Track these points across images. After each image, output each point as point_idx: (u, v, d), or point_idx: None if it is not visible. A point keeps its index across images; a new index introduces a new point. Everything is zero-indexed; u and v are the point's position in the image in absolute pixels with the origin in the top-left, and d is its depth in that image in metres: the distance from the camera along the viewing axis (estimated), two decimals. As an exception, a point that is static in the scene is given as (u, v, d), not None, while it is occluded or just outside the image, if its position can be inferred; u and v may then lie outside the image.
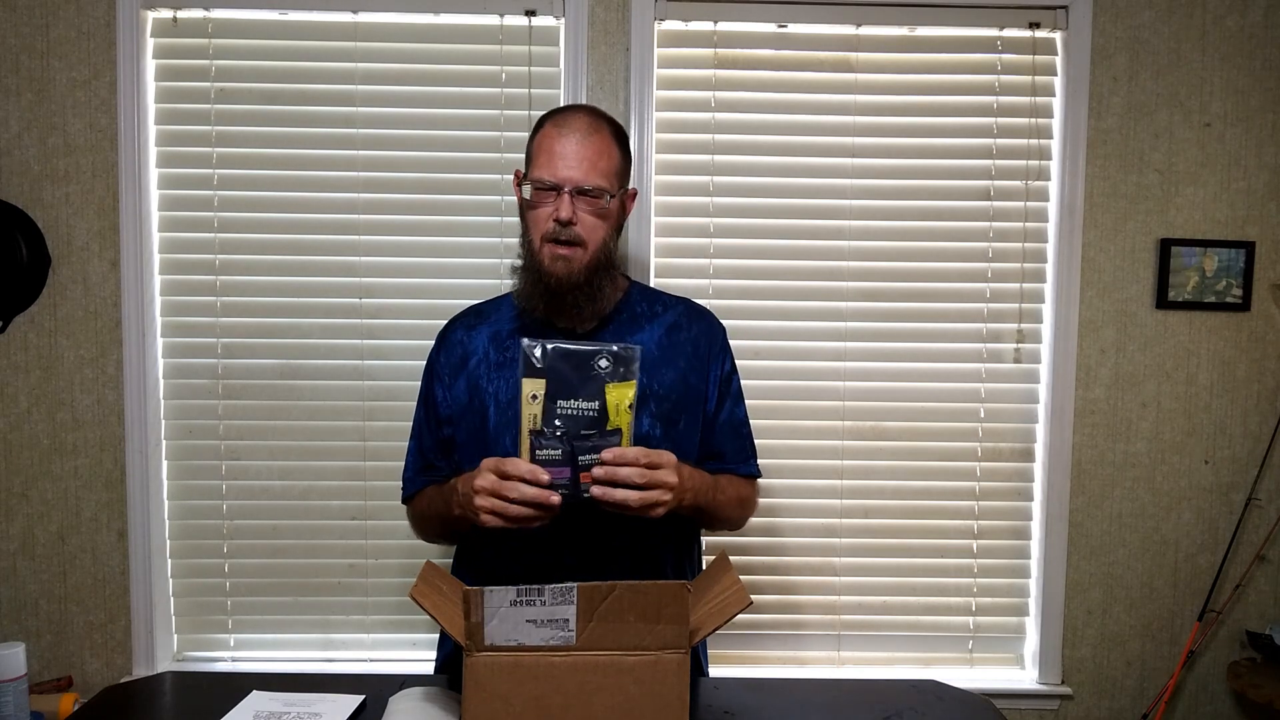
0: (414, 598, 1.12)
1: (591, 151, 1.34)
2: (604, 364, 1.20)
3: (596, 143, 1.35)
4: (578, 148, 1.34)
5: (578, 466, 1.18)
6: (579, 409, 1.19)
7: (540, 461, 1.18)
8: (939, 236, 2.18)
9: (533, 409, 1.19)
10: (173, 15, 2.11)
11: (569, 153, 1.33)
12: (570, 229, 1.33)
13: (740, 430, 1.52)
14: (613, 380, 1.20)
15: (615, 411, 1.20)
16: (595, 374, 1.20)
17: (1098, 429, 2.22)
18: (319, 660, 2.23)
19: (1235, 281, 2.18)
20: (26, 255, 2.08)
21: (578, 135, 1.35)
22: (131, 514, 2.14)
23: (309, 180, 2.14)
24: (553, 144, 1.35)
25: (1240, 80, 2.17)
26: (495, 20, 2.12)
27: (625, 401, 1.20)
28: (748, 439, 1.54)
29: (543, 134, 1.38)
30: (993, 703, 1.33)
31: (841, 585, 2.24)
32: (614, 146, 1.39)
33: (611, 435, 1.20)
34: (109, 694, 1.34)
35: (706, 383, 1.47)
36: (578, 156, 1.33)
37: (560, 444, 1.18)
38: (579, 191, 1.33)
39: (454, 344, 1.48)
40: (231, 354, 2.17)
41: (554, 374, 1.19)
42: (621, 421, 1.20)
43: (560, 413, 1.19)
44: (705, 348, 1.48)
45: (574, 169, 1.33)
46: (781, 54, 2.16)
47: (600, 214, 1.36)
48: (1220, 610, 2.20)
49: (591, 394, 1.20)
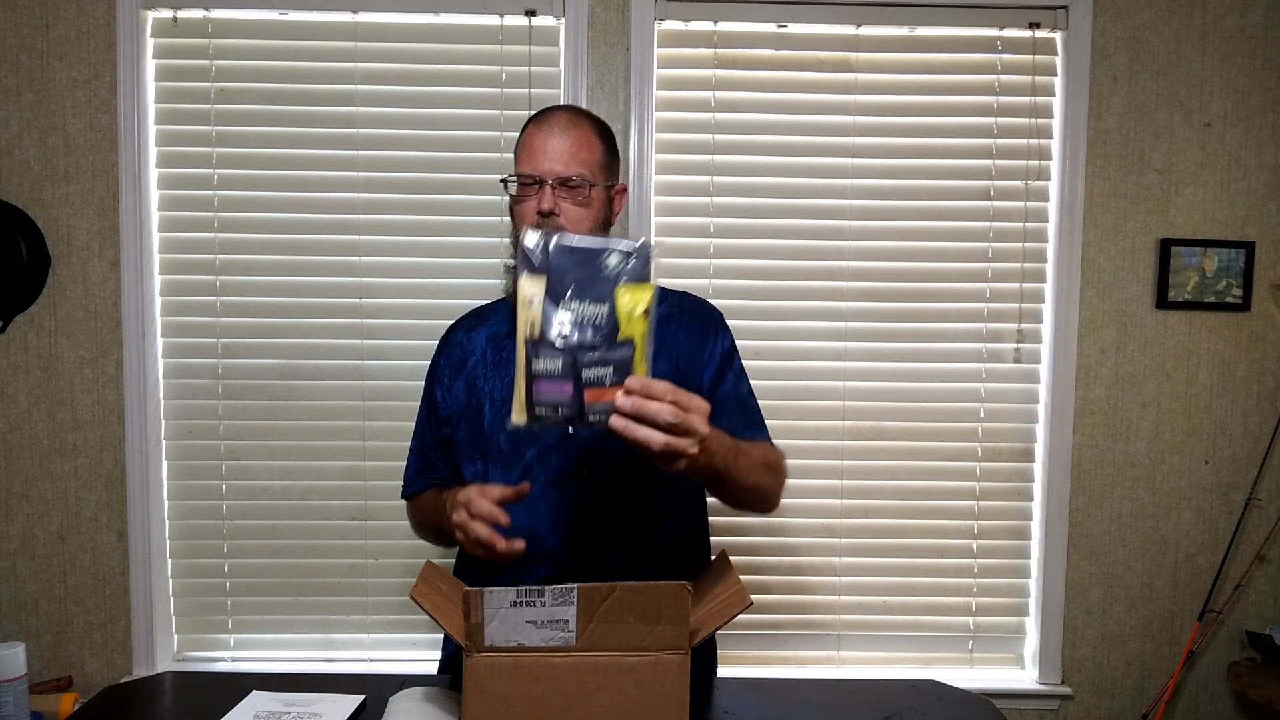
0: (414, 598, 1.12)
1: (570, 143, 1.35)
2: (614, 261, 1.02)
3: (576, 135, 1.37)
4: (558, 140, 1.35)
5: (582, 383, 1.00)
6: (584, 314, 1.02)
7: (538, 376, 1.00)
8: (939, 237, 2.18)
9: (530, 314, 1.02)
10: (173, 15, 2.11)
11: (549, 146, 1.35)
12: (553, 219, 1.34)
13: (746, 403, 1.47)
14: (625, 280, 1.02)
15: (627, 319, 1.01)
16: (604, 273, 1.02)
17: (1098, 429, 2.22)
18: (319, 660, 2.23)
19: (1235, 281, 2.18)
20: (26, 255, 2.08)
21: (558, 129, 1.36)
22: (131, 514, 2.14)
23: (309, 180, 2.14)
24: (533, 139, 1.36)
25: (1240, 80, 2.17)
26: (495, 20, 2.12)
27: (640, 306, 1.02)
28: (755, 411, 1.48)
29: (526, 133, 1.40)
30: (993, 703, 1.33)
31: (841, 585, 2.24)
32: (595, 139, 1.39)
33: (622, 347, 1.01)
34: (109, 694, 1.34)
35: (702, 359, 1.44)
36: (558, 149, 1.35)
37: (561, 355, 1.00)
38: (560, 182, 1.34)
39: (454, 345, 1.49)
40: (231, 354, 2.17)
41: (557, 272, 1.02)
42: (634, 331, 1.01)
43: (562, 319, 1.02)
44: (699, 329, 1.46)
45: (554, 160, 1.34)
46: (781, 54, 2.16)
47: (583, 203, 1.36)
48: (1220, 610, 2.20)
49: (600, 295, 1.01)
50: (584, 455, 1.36)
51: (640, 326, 1.01)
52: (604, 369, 1.00)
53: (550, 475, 1.36)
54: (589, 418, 1.00)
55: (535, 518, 1.35)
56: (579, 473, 1.36)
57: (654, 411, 0.98)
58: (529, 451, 1.37)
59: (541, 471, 1.36)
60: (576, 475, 1.36)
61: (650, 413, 0.98)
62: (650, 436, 0.99)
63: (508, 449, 1.38)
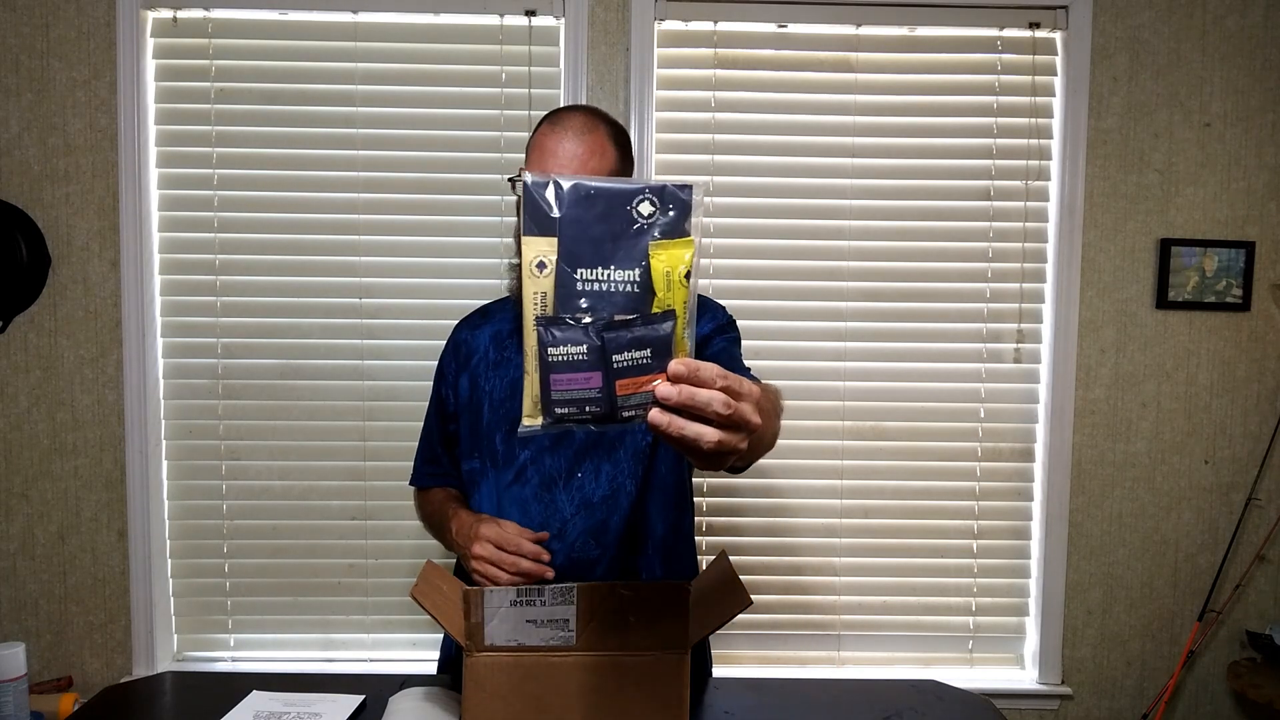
0: (415, 597, 1.12)
1: (584, 149, 1.34)
2: (646, 210, 0.80)
3: (590, 141, 1.35)
4: (571, 145, 1.33)
5: (612, 371, 0.77)
6: (611, 281, 0.79)
7: (556, 365, 0.77)
8: (939, 237, 2.18)
9: (539, 284, 0.79)
10: (173, 15, 2.11)
11: (562, 150, 1.33)
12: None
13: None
14: (660, 234, 0.79)
15: (665, 284, 0.79)
16: (636, 226, 0.79)
17: (1098, 429, 2.22)
18: (319, 660, 2.23)
19: (1235, 281, 2.18)
20: (26, 255, 2.08)
21: (572, 133, 1.34)
22: (131, 514, 2.14)
23: (309, 180, 2.14)
24: (546, 141, 1.34)
25: (1240, 80, 2.17)
26: (495, 20, 2.12)
27: (680, 268, 0.79)
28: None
29: (539, 133, 1.38)
30: (993, 703, 1.33)
31: (841, 585, 2.24)
32: (609, 146, 1.38)
33: (664, 319, 0.78)
34: (109, 694, 1.34)
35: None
36: (570, 154, 1.33)
37: (586, 337, 0.77)
38: None
39: (460, 343, 1.50)
40: (231, 354, 2.17)
41: (573, 228, 0.79)
42: (675, 300, 0.79)
43: (584, 289, 0.79)
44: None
45: (566, 166, 1.32)
46: (781, 54, 2.16)
47: None
48: (1220, 610, 2.20)
49: (631, 257, 0.79)
50: (578, 457, 1.36)
51: (681, 294, 0.79)
52: (640, 351, 0.77)
53: (544, 476, 1.36)
54: (622, 414, 0.78)
55: (528, 519, 1.35)
56: (573, 474, 1.36)
57: (704, 401, 0.76)
58: (523, 453, 1.37)
59: (535, 473, 1.37)
60: (570, 477, 1.36)
61: (700, 403, 0.76)
62: (701, 434, 0.76)
63: (503, 449, 1.39)
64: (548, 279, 0.78)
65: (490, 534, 1.21)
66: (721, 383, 0.77)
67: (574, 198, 0.79)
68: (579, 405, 0.78)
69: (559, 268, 0.78)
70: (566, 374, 0.77)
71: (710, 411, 0.76)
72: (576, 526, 1.35)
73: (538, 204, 0.79)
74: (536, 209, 0.79)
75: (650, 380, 0.77)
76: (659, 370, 0.77)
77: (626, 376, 0.77)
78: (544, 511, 1.36)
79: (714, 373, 0.77)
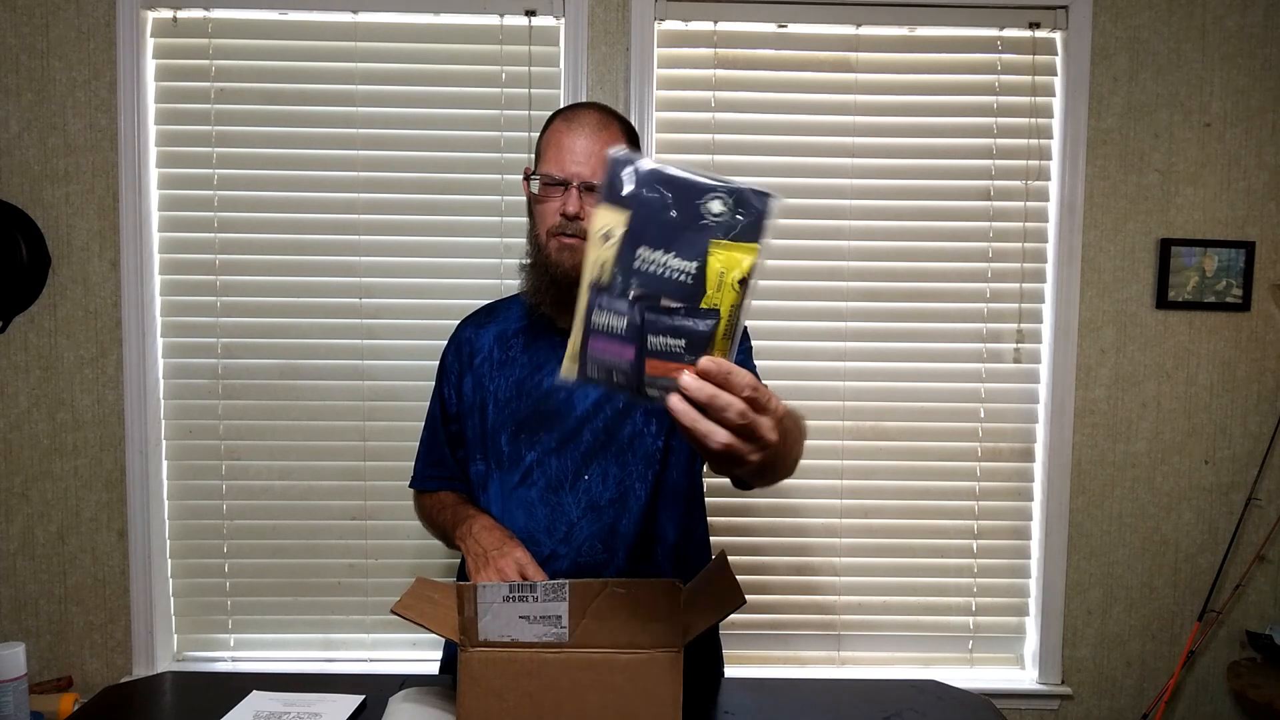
0: (396, 613, 1.10)
1: (600, 147, 1.34)
2: (717, 208, 0.84)
3: (606, 139, 1.35)
4: (587, 143, 1.33)
5: (645, 350, 0.82)
6: (668, 267, 0.82)
7: (596, 331, 0.82)
8: (939, 236, 2.18)
9: (602, 252, 0.83)
10: (173, 15, 2.11)
11: (578, 148, 1.33)
12: (577, 223, 1.33)
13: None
14: (725, 236, 0.84)
15: (717, 284, 0.83)
16: (703, 222, 0.83)
17: (1098, 429, 2.22)
18: (319, 660, 2.23)
19: (1235, 281, 2.18)
20: (26, 255, 2.08)
21: (587, 131, 1.34)
22: (131, 514, 2.14)
23: (309, 180, 2.14)
24: (561, 138, 1.35)
25: (1240, 80, 2.17)
26: (495, 20, 2.13)
27: (736, 273, 0.84)
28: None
29: (552, 129, 1.38)
30: (993, 703, 1.33)
31: (841, 585, 2.24)
32: (623, 144, 1.39)
33: (705, 316, 0.82)
34: (109, 694, 1.34)
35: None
36: (586, 152, 1.33)
37: (627, 313, 0.82)
38: (587, 187, 1.34)
39: (463, 342, 1.49)
40: (231, 354, 2.17)
41: (643, 208, 0.82)
42: (723, 301, 0.82)
43: (640, 267, 0.82)
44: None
45: (582, 164, 1.33)
46: (781, 54, 2.16)
47: None
48: (1220, 610, 2.20)
49: (692, 250, 0.82)
50: (585, 459, 1.36)
51: (730, 297, 0.83)
52: (675, 339, 0.81)
53: (550, 479, 1.36)
54: (647, 391, 0.81)
55: (534, 521, 1.35)
56: (580, 477, 1.36)
57: (723, 404, 0.79)
58: (529, 455, 1.37)
59: (541, 475, 1.36)
60: (577, 479, 1.36)
61: (719, 405, 0.79)
62: (711, 432, 0.80)
63: (508, 450, 1.38)
64: (610, 249, 0.82)
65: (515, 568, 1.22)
66: (749, 393, 0.80)
67: (650, 180, 0.82)
68: (608, 372, 0.82)
69: (622, 242, 0.82)
70: (603, 341, 0.82)
71: (728, 416, 0.79)
72: (583, 530, 1.34)
73: (616, 178, 0.82)
74: (614, 182, 0.83)
75: (678, 369, 0.81)
76: (689, 362, 0.81)
77: (657, 359, 0.81)
78: (550, 514, 1.35)
79: (745, 381, 0.80)
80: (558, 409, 1.37)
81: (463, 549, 1.31)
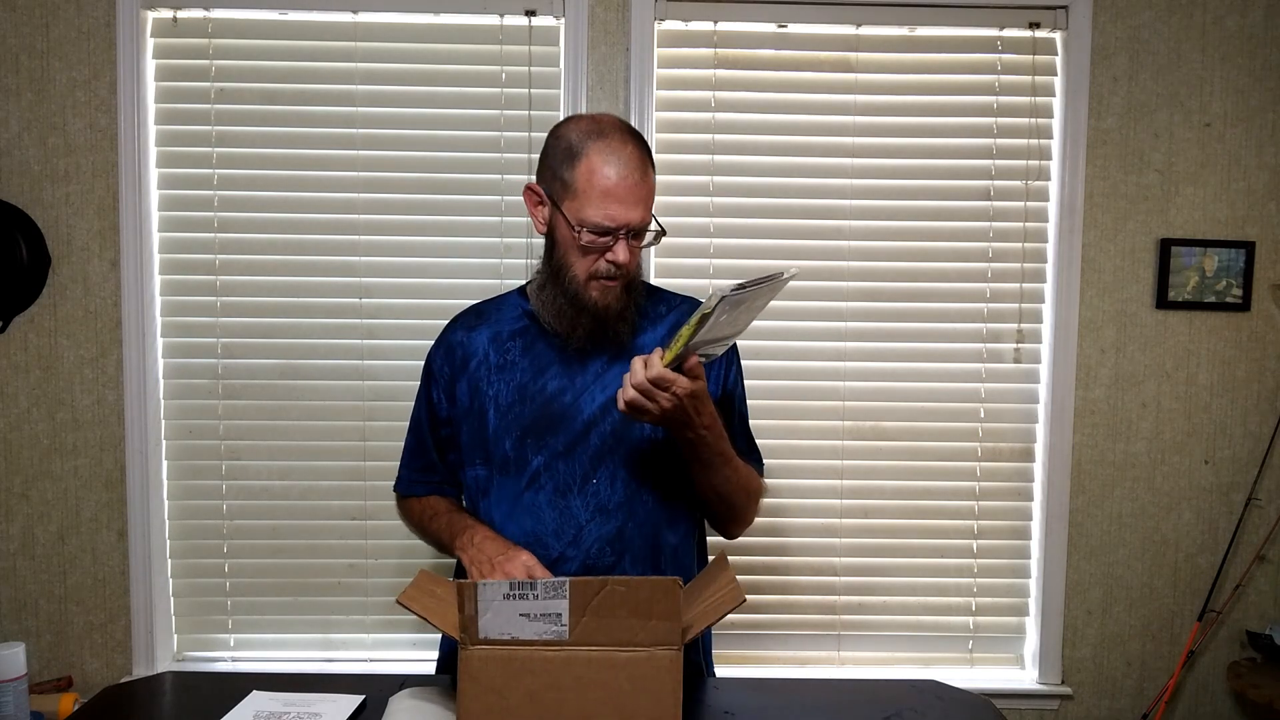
0: (402, 603, 1.12)
1: (645, 192, 1.30)
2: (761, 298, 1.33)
3: (649, 180, 1.31)
4: (634, 189, 1.27)
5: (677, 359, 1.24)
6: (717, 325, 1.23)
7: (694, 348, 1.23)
8: (939, 236, 2.18)
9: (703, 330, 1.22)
10: (173, 15, 2.11)
11: (625, 195, 1.27)
12: (623, 268, 1.31)
13: (745, 430, 1.50)
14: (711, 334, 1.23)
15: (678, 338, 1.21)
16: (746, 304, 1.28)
17: (1098, 429, 2.22)
18: (319, 660, 2.23)
19: (1235, 281, 2.18)
20: (26, 255, 2.08)
21: (632, 175, 1.28)
22: (131, 514, 2.14)
23: (309, 180, 2.14)
24: (606, 184, 1.27)
25: (1240, 80, 2.17)
26: (495, 20, 2.13)
27: (684, 336, 1.20)
28: (753, 441, 1.52)
29: (589, 166, 1.27)
30: (993, 703, 1.33)
31: (841, 585, 2.24)
32: (651, 171, 1.34)
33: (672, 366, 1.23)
34: (109, 694, 1.34)
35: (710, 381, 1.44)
36: (634, 198, 1.27)
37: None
38: (634, 233, 1.31)
39: (454, 345, 1.45)
40: (231, 354, 2.17)
41: (720, 321, 1.23)
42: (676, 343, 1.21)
43: (700, 348, 1.24)
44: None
45: (632, 212, 1.28)
46: (781, 54, 2.16)
47: (639, 242, 1.35)
48: (1220, 610, 2.20)
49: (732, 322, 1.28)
50: (593, 463, 1.36)
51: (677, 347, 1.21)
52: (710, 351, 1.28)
53: (558, 483, 1.35)
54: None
55: (541, 525, 1.35)
56: (588, 480, 1.36)
57: (636, 383, 1.20)
58: (536, 459, 1.36)
59: (549, 479, 1.35)
60: (585, 483, 1.35)
61: (634, 383, 1.20)
62: (621, 392, 1.22)
63: (514, 455, 1.37)
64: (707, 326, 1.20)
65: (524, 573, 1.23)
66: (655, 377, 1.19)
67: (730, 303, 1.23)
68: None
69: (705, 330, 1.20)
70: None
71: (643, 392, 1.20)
72: (592, 533, 1.34)
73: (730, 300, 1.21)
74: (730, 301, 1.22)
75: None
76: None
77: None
78: (558, 518, 1.35)
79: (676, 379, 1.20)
80: (564, 413, 1.36)
81: (464, 559, 1.30)
